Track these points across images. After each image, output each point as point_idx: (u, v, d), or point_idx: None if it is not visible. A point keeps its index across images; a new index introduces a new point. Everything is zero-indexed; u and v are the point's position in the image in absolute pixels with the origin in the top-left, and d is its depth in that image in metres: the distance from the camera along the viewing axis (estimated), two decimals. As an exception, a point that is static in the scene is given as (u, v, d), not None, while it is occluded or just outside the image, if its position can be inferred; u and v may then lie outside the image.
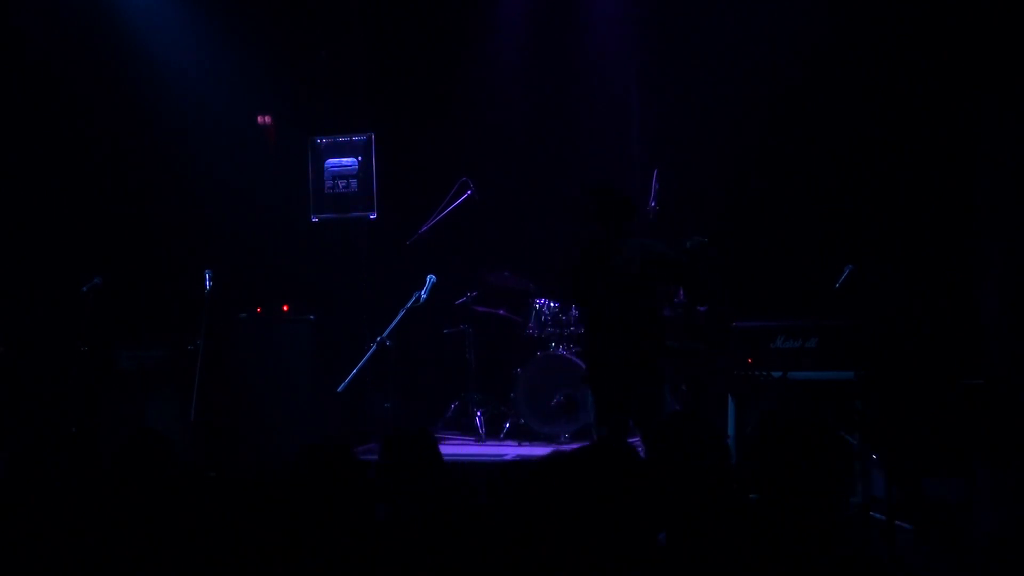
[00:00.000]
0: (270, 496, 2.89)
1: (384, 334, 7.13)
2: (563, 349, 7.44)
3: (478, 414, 7.55)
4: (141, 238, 8.10)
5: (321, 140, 8.28)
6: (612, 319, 5.25)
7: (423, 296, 7.16)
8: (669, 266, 5.27)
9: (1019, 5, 5.84)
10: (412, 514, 3.02)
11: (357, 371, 7.02)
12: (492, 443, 7.37)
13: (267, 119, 8.43)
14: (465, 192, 7.55)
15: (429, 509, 3.00)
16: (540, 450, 6.81)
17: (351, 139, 8.24)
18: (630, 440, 5.52)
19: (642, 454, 5.08)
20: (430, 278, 7.19)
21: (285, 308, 7.61)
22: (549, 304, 7.55)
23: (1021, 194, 5.73)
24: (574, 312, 7.47)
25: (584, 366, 5.86)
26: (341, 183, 8.23)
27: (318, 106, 8.43)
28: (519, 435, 7.36)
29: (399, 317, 7.15)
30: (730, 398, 5.99)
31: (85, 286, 6.94)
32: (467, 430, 7.65)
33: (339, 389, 6.98)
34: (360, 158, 8.18)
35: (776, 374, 5.78)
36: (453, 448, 7.29)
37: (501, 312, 7.87)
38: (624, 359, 5.22)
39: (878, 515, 5.20)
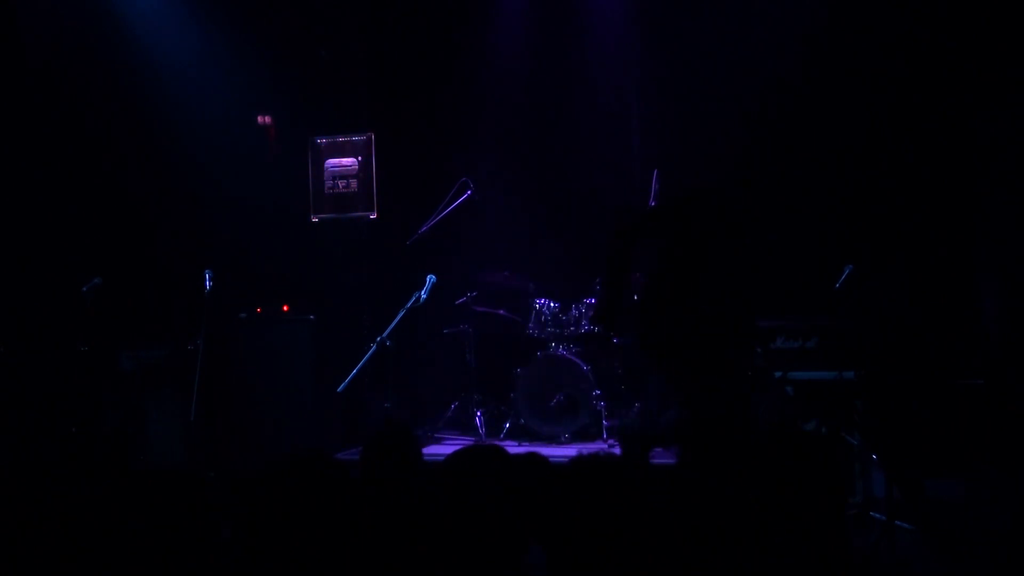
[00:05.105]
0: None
1: (384, 334, 7.13)
2: (563, 349, 7.44)
3: (478, 414, 7.55)
4: (142, 238, 8.10)
5: (321, 140, 8.28)
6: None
7: (423, 296, 7.16)
8: None
9: (1019, 5, 5.85)
10: (393, 514, 3.02)
11: (357, 371, 7.01)
12: (492, 443, 7.36)
13: (267, 119, 8.43)
14: (465, 192, 7.54)
15: (410, 509, 3.00)
16: (540, 450, 6.79)
17: (351, 139, 8.24)
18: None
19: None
20: (430, 278, 7.18)
21: (285, 308, 7.61)
22: (549, 304, 7.55)
23: (1021, 194, 5.74)
24: (574, 312, 7.47)
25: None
26: (341, 183, 8.23)
27: (318, 106, 8.43)
28: (519, 435, 7.36)
29: (399, 317, 7.14)
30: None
31: (85, 286, 6.94)
32: (467, 430, 7.64)
33: (339, 389, 6.98)
34: (360, 158, 8.18)
35: (776, 374, 5.78)
36: (453, 448, 7.27)
37: (501, 312, 7.87)
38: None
39: (878, 515, 5.20)
